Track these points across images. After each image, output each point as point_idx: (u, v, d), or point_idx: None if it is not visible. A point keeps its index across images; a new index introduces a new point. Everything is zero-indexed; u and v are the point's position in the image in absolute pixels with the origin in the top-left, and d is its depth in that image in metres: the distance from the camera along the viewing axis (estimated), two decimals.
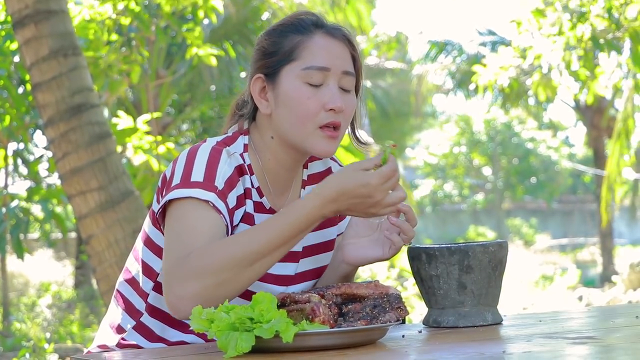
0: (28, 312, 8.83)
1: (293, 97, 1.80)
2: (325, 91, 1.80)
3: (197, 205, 1.71)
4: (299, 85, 1.80)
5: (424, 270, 1.79)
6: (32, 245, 12.97)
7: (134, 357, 1.59)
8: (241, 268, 1.65)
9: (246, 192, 1.82)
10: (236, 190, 1.79)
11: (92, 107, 4.60)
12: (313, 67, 1.80)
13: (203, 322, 1.52)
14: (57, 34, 4.58)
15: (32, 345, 6.12)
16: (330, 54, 1.82)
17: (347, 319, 1.62)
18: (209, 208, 1.71)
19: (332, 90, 1.80)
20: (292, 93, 1.80)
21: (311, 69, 1.80)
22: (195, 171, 1.75)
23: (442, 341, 1.62)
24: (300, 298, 1.59)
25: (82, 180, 4.54)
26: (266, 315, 1.49)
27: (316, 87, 1.80)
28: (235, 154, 1.82)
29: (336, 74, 1.81)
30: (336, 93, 1.80)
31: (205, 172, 1.75)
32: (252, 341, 1.47)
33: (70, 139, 4.54)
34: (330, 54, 1.82)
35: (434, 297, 1.79)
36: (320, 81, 1.80)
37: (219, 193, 1.73)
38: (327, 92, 1.80)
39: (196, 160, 1.77)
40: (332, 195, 1.67)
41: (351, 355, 1.48)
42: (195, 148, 1.80)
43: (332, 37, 1.83)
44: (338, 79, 1.82)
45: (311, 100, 1.79)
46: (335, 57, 1.82)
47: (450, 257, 1.75)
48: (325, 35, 1.83)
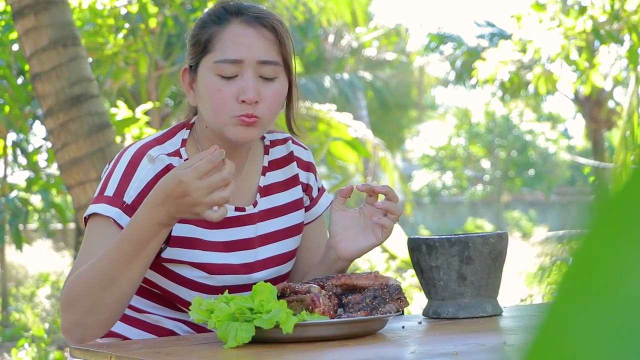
0: (27, 303, 8.84)
1: (206, 89, 1.78)
2: (239, 82, 1.77)
3: (99, 222, 1.75)
4: (212, 77, 1.78)
5: (424, 262, 1.79)
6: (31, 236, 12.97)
7: (136, 348, 1.60)
8: (102, 291, 1.65)
9: None
10: None
11: (91, 97, 4.60)
12: (224, 60, 1.77)
13: (203, 312, 1.52)
14: (56, 24, 4.57)
15: (31, 336, 6.12)
16: (244, 45, 1.78)
17: (347, 310, 1.62)
18: (111, 224, 1.73)
19: (246, 82, 1.76)
20: (206, 86, 1.79)
21: (222, 62, 1.77)
22: (110, 183, 1.77)
23: (442, 332, 1.62)
24: (300, 289, 1.60)
25: (81, 171, 4.53)
26: (266, 306, 1.50)
27: (230, 78, 1.77)
28: (161, 156, 1.79)
29: (251, 65, 1.77)
30: (250, 85, 1.76)
31: (118, 185, 1.76)
32: (252, 332, 1.48)
33: (69, 129, 4.54)
34: (243, 45, 1.78)
35: (433, 288, 1.79)
36: (233, 73, 1.77)
37: (126, 208, 1.74)
38: (240, 83, 1.77)
39: (116, 169, 1.78)
40: (158, 199, 1.61)
41: (351, 346, 1.49)
42: (121, 153, 1.81)
43: (248, 26, 1.79)
44: (255, 69, 1.78)
45: (221, 92, 1.76)
46: (250, 47, 1.78)
47: (451, 248, 1.76)
48: (241, 25, 1.79)
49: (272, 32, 1.81)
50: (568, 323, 0.33)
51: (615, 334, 0.32)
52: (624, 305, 0.32)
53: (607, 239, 0.33)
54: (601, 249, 0.33)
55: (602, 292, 0.33)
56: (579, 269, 0.33)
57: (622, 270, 0.33)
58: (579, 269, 0.33)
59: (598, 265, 0.33)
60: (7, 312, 7.75)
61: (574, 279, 0.33)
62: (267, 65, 1.79)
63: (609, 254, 0.33)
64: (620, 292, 0.32)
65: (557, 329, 0.33)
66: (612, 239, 0.33)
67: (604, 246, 0.33)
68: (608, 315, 0.32)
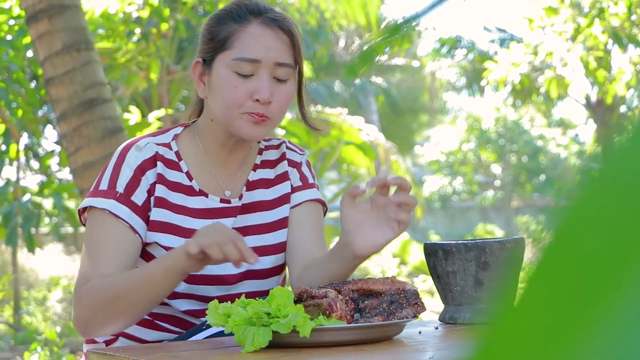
0: (38, 306, 8.86)
1: (221, 84, 1.82)
2: (254, 81, 1.81)
3: (96, 216, 1.82)
4: (229, 74, 1.82)
5: (440, 267, 1.78)
6: (42, 240, 13.00)
7: (151, 352, 1.60)
8: (125, 303, 1.72)
9: (158, 179, 1.86)
10: (144, 182, 1.84)
11: (104, 101, 4.61)
12: (243, 58, 1.81)
13: (220, 316, 1.52)
14: (70, 28, 4.59)
15: (44, 339, 6.13)
16: (262, 45, 1.82)
17: (364, 315, 1.62)
18: (108, 216, 1.80)
19: (261, 82, 1.81)
20: (221, 81, 1.83)
21: (241, 60, 1.81)
22: (104, 178, 1.85)
23: (459, 338, 1.61)
24: (317, 293, 1.59)
25: (94, 175, 4.54)
26: (283, 310, 1.49)
27: (246, 76, 1.82)
28: (149, 144, 1.86)
29: (268, 66, 1.82)
30: (265, 84, 1.81)
31: (110, 178, 1.84)
32: (269, 336, 1.47)
33: (82, 133, 4.55)
34: (262, 45, 1.82)
35: (450, 294, 1.79)
36: (250, 72, 1.82)
37: (119, 197, 1.82)
38: (256, 82, 1.81)
39: (109, 165, 1.86)
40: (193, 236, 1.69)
41: (368, 351, 1.48)
42: (116, 150, 1.89)
43: (267, 27, 1.84)
44: (270, 70, 1.82)
45: (238, 89, 1.81)
46: (268, 49, 1.82)
47: (467, 253, 1.75)
48: (261, 25, 1.83)
49: (289, 36, 1.85)
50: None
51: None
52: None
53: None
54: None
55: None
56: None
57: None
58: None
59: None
60: (19, 316, 7.77)
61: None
62: (282, 67, 1.84)
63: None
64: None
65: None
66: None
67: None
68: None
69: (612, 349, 0.31)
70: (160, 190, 1.86)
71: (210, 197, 1.91)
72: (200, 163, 1.92)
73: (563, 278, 0.32)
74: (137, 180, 1.83)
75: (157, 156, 1.86)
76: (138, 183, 1.83)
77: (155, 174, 1.86)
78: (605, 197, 0.32)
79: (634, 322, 0.31)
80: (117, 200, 1.81)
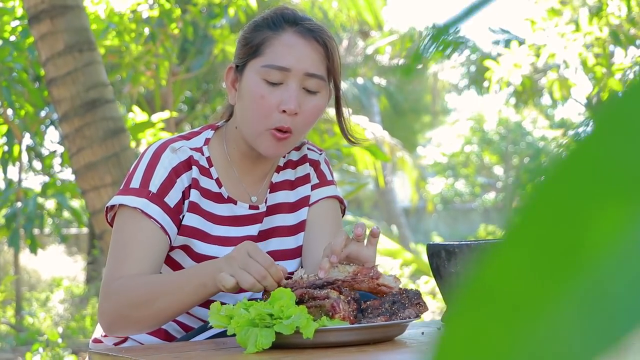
0: (40, 307, 8.86)
1: (249, 92, 1.80)
2: (282, 91, 1.78)
3: (128, 214, 1.79)
4: (258, 81, 1.79)
5: (443, 268, 1.78)
6: (44, 241, 13.00)
7: (155, 353, 1.59)
8: (154, 306, 1.70)
9: (193, 183, 1.84)
10: (179, 184, 1.82)
11: (106, 102, 4.61)
12: (272, 65, 1.79)
13: (222, 318, 1.52)
14: (72, 29, 4.59)
15: (46, 340, 6.13)
16: (294, 54, 1.79)
17: (366, 315, 1.61)
18: (139, 215, 1.78)
19: (289, 91, 1.78)
20: (249, 88, 1.80)
21: (270, 67, 1.79)
22: (136, 176, 1.82)
23: None
24: (319, 294, 1.59)
25: (96, 176, 4.54)
26: (286, 312, 1.49)
27: (275, 85, 1.79)
28: (184, 147, 1.84)
29: (297, 76, 1.79)
30: (292, 95, 1.78)
31: (142, 177, 1.81)
32: (272, 337, 1.47)
33: (84, 134, 4.55)
34: (293, 54, 1.79)
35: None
36: (279, 80, 1.79)
37: (152, 197, 1.79)
38: (284, 92, 1.78)
39: (140, 163, 1.83)
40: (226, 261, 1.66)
41: (370, 352, 1.48)
42: (146, 149, 1.86)
43: (301, 37, 1.81)
44: (300, 80, 1.79)
45: (264, 99, 1.78)
46: (299, 58, 1.79)
47: (470, 254, 1.75)
48: (295, 34, 1.81)
49: (323, 47, 1.82)
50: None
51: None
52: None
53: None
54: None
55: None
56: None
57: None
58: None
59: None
60: (21, 316, 7.77)
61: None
62: (312, 78, 1.80)
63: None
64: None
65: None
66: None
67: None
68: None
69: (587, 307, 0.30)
70: (195, 195, 1.84)
71: (239, 204, 1.90)
72: (227, 169, 1.90)
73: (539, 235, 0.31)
74: (172, 182, 1.81)
75: (191, 160, 1.84)
76: (172, 185, 1.81)
77: (190, 177, 1.84)
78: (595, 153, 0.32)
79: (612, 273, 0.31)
80: (149, 199, 1.79)
